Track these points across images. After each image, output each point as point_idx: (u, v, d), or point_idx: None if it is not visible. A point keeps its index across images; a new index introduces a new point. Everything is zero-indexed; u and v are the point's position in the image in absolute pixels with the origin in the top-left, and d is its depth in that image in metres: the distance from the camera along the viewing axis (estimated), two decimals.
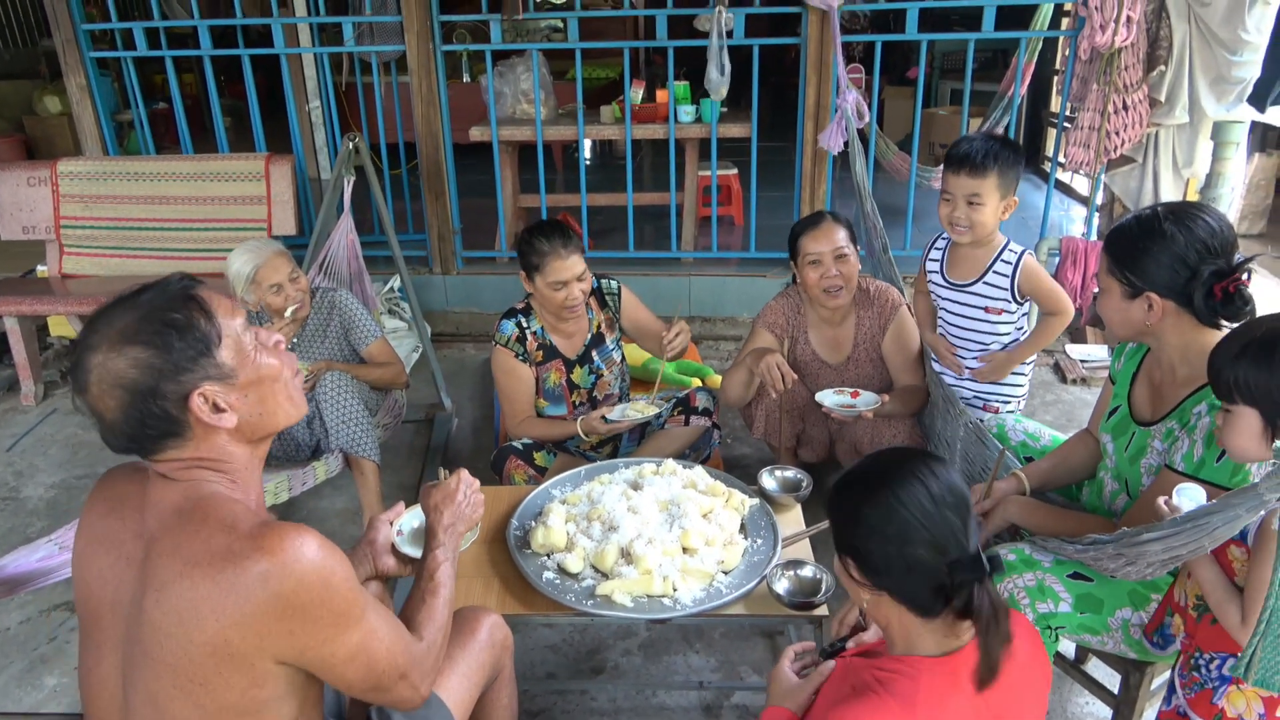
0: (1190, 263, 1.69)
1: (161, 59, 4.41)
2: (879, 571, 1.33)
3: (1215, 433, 1.61)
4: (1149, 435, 1.85)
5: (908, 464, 1.33)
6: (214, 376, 1.24)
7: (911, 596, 1.31)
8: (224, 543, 1.17)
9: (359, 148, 3.40)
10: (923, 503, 1.29)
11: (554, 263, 2.66)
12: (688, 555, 2.00)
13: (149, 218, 4.11)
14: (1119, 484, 1.95)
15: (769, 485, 2.30)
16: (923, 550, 1.28)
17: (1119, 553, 1.62)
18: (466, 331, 4.65)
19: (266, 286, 2.80)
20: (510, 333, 2.80)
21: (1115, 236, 1.82)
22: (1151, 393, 1.90)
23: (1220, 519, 1.39)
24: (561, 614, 1.95)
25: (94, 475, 3.47)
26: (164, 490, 1.26)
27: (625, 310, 2.96)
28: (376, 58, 4.68)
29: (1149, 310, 1.75)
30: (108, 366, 1.19)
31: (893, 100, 7.13)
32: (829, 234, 2.69)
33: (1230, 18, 3.59)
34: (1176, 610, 1.72)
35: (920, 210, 4.62)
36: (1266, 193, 5.94)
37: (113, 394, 1.19)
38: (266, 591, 1.15)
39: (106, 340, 1.20)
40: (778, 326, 2.90)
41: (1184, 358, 1.79)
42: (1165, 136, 3.93)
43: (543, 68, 4.68)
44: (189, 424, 1.23)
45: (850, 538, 1.35)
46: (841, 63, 3.86)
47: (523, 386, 2.82)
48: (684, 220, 4.75)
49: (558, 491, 2.31)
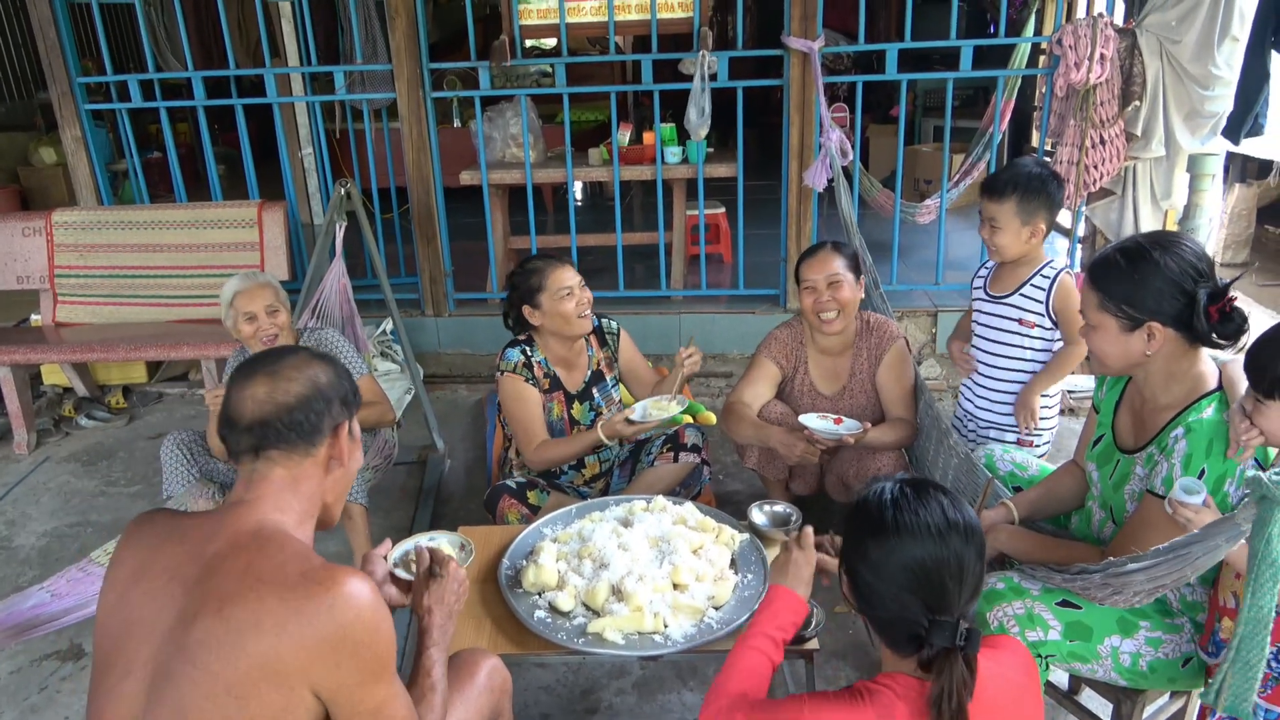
0: (1186, 287, 1.71)
1: (156, 109, 4.48)
2: (866, 600, 1.37)
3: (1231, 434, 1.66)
4: (1132, 463, 1.87)
5: (925, 507, 1.34)
6: (350, 426, 1.50)
7: (887, 633, 1.37)
8: (300, 569, 1.28)
9: (350, 193, 3.45)
10: (923, 555, 1.31)
11: (554, 273, 2.72)
12: (678, 591, 2.01)
13: (143, 265, 4.15)
14: (1105, 512, 1.97)
15: (759, 520, 2.31)
16: (909, 599, 1.32)
17: (1105, 582, 1.64)
18: (459, 373, 4.67)
19: (241, 313, 2.84)
20: (516, 359, 2.80)
21: (1102, 271, 1.80)
22: (1134, 420, 1.92)
23: (1201, 549, 1.41)
24: (553, 653, 1.95)
25: (86, 524, 3.46)
26: (241, 516, 1.37)
27: (623, 351, 2.99)
28: (367, 105, 4.76)
29: (1149, 340, 1.76)
30: (309, 364, 1.45)
31: (877, 138, 7.25)
32: (825, 261, 2.75)
33: (1200, 54, 3.68)
34: (1225, 614, 1.71)
35: (906, 246, 4.69)
36: (1248, 222, 6.02)
37: (301, 383, 1.41)
38: (331, 619, 1.25)
39: (307, 354, 1.48)
40: (781, 357, 2.94)
41: (1167, 385, 1.81)
42: (1143, 170, 4.00)
43: (531, 112, 4.76)
44: (324, 441, 1.43)
45: (851, 558, 1.40)
46: (824, 102, 3.94)
47: (534, 410, 2.79)
48: (673, 259, 4.81)
49: (549, 530, 2.32)
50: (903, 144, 4.56)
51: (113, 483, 3.79)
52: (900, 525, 1.32)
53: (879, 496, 1.38)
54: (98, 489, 3.74)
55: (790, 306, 4.48)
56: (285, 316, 2.91)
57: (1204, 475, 1.69)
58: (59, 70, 4.37)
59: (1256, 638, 1.26)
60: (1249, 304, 5.23)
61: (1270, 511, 1.19)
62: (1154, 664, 1.80)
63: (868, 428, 2.66)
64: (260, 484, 1.40)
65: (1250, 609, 1.24)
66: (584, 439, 2.74)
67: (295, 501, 1.42)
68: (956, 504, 1.36)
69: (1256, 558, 1.21)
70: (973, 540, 1.34)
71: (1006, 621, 1.81)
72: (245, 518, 1.36)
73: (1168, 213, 4.07)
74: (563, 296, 2.72)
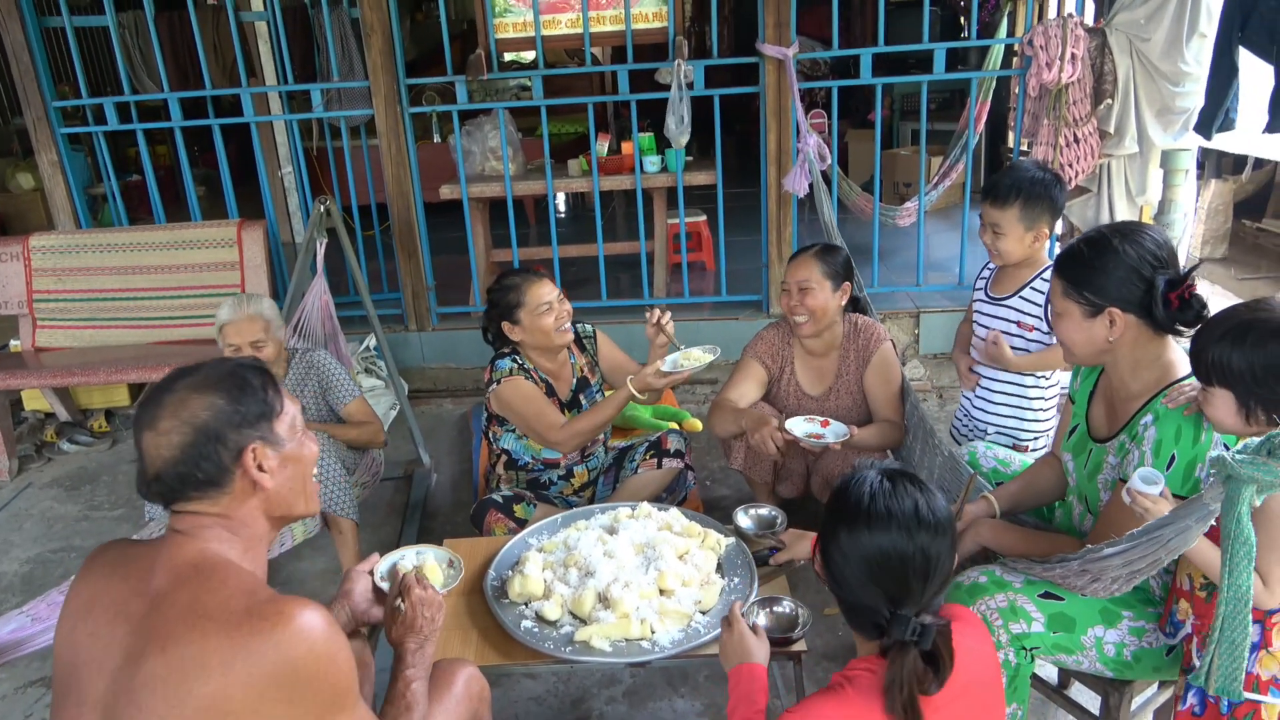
0: (1145, 274, 1.75)
1: (134, 132, 4.47)
2: (836, 583, 1.43)
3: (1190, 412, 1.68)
4: (1104, 452, 1.89)
5: (897, 501, 1.37)
6: (268, 440, 1.37)
7: (852, 617, 1.43)
8: (245, 604, 1.22)
9: (330, 210, 3.45)
10: (887, 549, 1.35)
11: (532, 289, 2.72)
12: (664, 597, 2.01)
13: (123, 288, 4.13)
14: (1082, 504, 1.98)
15: (744, 524, 2.31)
16: (873, 589, 1.36)
17: (1084, 569, 1.65)
18: (444, 387, 4.66)
19: (225, 344, 2.83)
20: (509, 366, 2.77)
21: (1067, 260, 1.86)
22: (1107, 410, 1.94)
23: (1172, 530, 1.42)
24: (540, 662, 1.95)
25: (69, 549, 3.43)
26: (179, 547, 1.31)
27: (602, 353, 2.99)
28: (345, 122, 4.76)
29: (1111, 326, 1.79)
30: (186, 404, 1.31)
31: (856, 143, 7.30)
32: (800, 266, 2.79)
33: (1169, 51, 3.73)
34: (1182, 596, 1.75)
35: (886, 249, 4.72)
36: (1225, 217, 6.09)
37: (180, 431, 1.29)
38: (279, 656, 1.18)
39: (188, 385, 1.34)
40: (767, 357, 2.95)
41: (1135, 373, 1.84)
42: (1117, 166, 4.04)
43: (510, 125, 4.78)
44: (234, 477, 1.33)
45: (826, 541, 1.44)
46: (800, 108, 3.96)
47: (542, 399, 2.75)
48: (655, 268, 4.82)
49: (534, 540, 2.31)
50: (880, 148, 4.59)
51: (96, 507, 3.76)
52: (872, 515, 1.36)
53: (859, 484, 1.42)
54: (81, 514, 3.71)
55: (773, 312, 4.49)
56: (272, 349, 2.87)
57: (1174, 461, 1.71)
58: (33, 95, 4.35)
59: (1238, 617, 1.27)
60: (1229, 297, 5.29)
61: (1237, 490, 1.20)
62: (1138, 653, 1.81)
63: (854, 432, 2.67)
64: (190, 519, 1.33)
65: (1229, 589, 1.25)
66: (613, 400, 2.67)
67: (234, 535, 1.35)
68: (931, 500, 1.38)
69: (1229, 537, 1.23)
70: (943, 537, 1.36)
71: (989, 615, 1.82)
72: (186, 548, 1.30)
73: (1143, 208, 4.11)
74: (542, 312, 2.72)
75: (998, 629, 1.80)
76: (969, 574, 1.91)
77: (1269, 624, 1.61)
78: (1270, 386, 1.49)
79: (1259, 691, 1.64)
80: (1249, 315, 1.55)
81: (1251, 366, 1.52)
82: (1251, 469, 1.19)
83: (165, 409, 1.32)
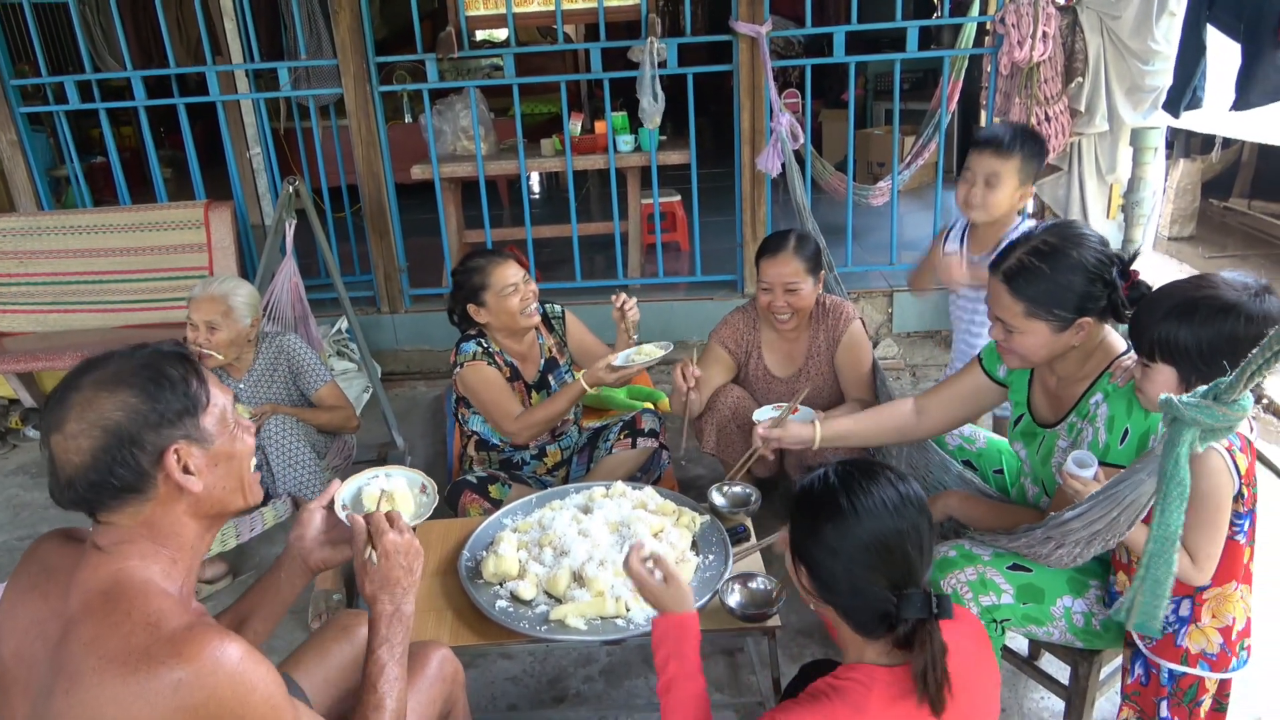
0: (1107, 277, 1.75)
1: (99, 112, 4.37)
2: (828, 587, 1.35)
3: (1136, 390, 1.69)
4: (1055, 436, 1.92)
5: (876, 485, 1.33)
6: (193, 438, 1.24)
7: (855, 617, 1.34)
8: (143, 642, 1.11)
9: (299, 191, 3.40)
10: (883, 531, 1.30)
11: (495, 270, 2.69)
12: None
13: (87, 271, 4.05)
14: (1039, 487, 2.01)
15: (718, 502, 2.32)
16: (875, 577, 1.30)
17: (1048, 536, 1.69)
18: (417, 369, 4.63)
19: (187, 321, 2.80)
20: (473, 350, 2.77)
21: (1023, 280, 1.78)
22: (1049, 398, 1.97)
23: (1127, 486, 1.47)
24: (515, 641, 1.95)
25: (36, 537, 3.37)
26: (95, 568, 1.20)
27: (571, 333, 2.98)
28: (314, 101, 4.68)
29: (1079, 333, 1.79)
30: (93, 405, 1.18)
31: (830, 123, 7.29)
32: (784, 265, 2.69)
33: (1139, 29, 3.74)
34: (1119, 568, 1.79)
35: (860, 228, 4.73)
36: (1194, 196, 6.16)
37: (90, 435, 1.16)
38: (176, 701, 1.08)
39: (96, 381, 1.20)
40: (732, 342, 2.93)
41: (1082, 362, 1.86)
42: (1088, 145, 4.06)
43: (481, 104, 4.72)
44: (155, 482, 1.21)
45: (806, 547, 1.37)
46: (774, 87, 3.95)
47: (503, 386, 2.75)
48: (629, 248, 4.80)
49: (509, 520, 2.31)
50: (853, 127, 4.59)
51: None
52: (857, 506, 1.31)
53: (825, 483, 1.37)
54: (47, 501, 3.63)
55: (748, 291, 4.49)
56: (224, 335, 2.79)
57: (1128, 435, 1.74)
58: None
59: (1163, 555, 1.29)
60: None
61: (1179, 432, 1.22)
62: (1106, 622, 1.83)
63: (821, 417, 2.59)
64: (111, 532, 1.22)
65: (1159, 527, 1.27)
66: (567, 392, 2.69)
67: (158, 546, 1.23)
68: (901, 476, 1.37)
69: (1165, 477, 1.25)
70: (925, 510, 1.35)
71: (960, 589, 1.84)
72: (100, 570, 1.19)
73: (1113, 187, 4.14)
74: (507, 294, 2.70)
75: (968, 601, 1.82)
76: (939, 549, 1.92)
77: (1199, 599, 1.66)
78: (1215, 363, 1.48)
79: (1188, 664, 1.69)
80: (1195, 292, 1.55)
81: (1199, 343, 1.52)
82: (1195, 411, 1.21)
83: (71, 410, 1.18)
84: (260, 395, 2.97)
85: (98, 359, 1.24)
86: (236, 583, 2.99)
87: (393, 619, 1.41)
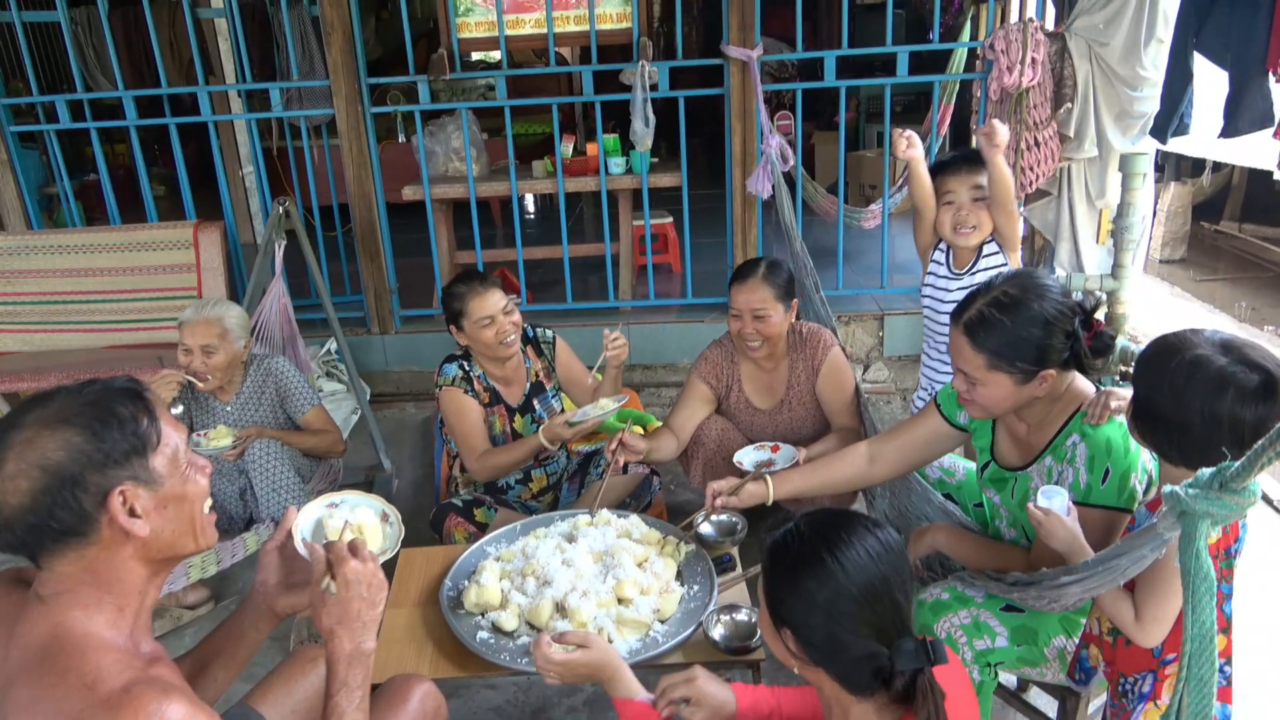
0: (1069, 329, 1.73)
1: (93, 131, 4.37)
2: (816, 648, 1.27)
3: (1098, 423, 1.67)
4: (1028, 478, 1.89)
5: (854, 534, 1.28)
6: (141, 479, 1.19)
7: (848, 676, 1.27)
8: (77, 708, 1.05)
9: (289, 211, 3.39)
10: (870, 581, 1.24)
11: (473, 301, 2.67)
12: (623, 606, 1.99)
13: (75, 290, 4.03)
14: (1017, 530, 1.97)
15: (705, 531, 2.30)
16: (865, 630, 1.24)
17: (1041, 594, 1.67)
18: (407, 390, 4.61)
19: (180, 344, 2.78)
20: (454, 373, 2.78)
21: (984, 332, 1.74)
22: (1015, 442, 1.94)
23: (1128, 560, 1.42)
24: (496, 674, 1.92)
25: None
26: (34, 621, 1.15)
27: (560, 361, 2.96)
28: (305, 122, 4.69)
29: (1041, 384, 1.76)
30: (34, 443, 1.13)
31: (823, 145, 7.32)
32: (752, 292, 2.66)
33: (1128, 56, 3.76)
34: (1091, 641, 1.76)
35: (851, 250, 4.73)
36: (1184, 219, 6.18)
37: (29, 475, 1.11)
38: None
39: (39, 419, 1.15)
40: (712, 377, 2.89)
41: (1049, 407, 1.84)
42: (1077, 170, 4.08)
43: (474, 125, 4.73)
44: (99, 525, 1.15)
45: (787, 609, 1.29)
46: (764, 110, 3.96)
47: (475, 420, 2.76)
48: (620, 270, 4.80)
49: (492, 549, 2.28)
50: (844, 150, 4.59)
51: None
52: (840, 558, 1.25)
53: (799, 537, 1.31)
54: None
55: None
56: (222, 358, 2.79)
57: (1109, 474, 1.72)
58: None
59: (1205, 654, 1.23)
60: (1188, 299, 5.37)
61: (1193, 526, 1.17)
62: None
63: (803, 454, 2.57)
64: (52, 580, 1.16)
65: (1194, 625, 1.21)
66: (525, 444, 2.71)
67: (102, 593, 1.17)
68: (876, 523, 1.32)
69: (1189, 574, 1.20)
70: (903, 554, 1.31)
71: (954, 632, 1.81)
72: (39, 625, 1.14)
73: (1102, 212, 4.16)
74: (483, 325, 2.68)
75: (962, 646, 1.79)
76: (931, 591, 1.90)
77: (1161, 675, 1.60)
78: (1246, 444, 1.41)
79: None
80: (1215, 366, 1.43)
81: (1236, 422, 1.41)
82: (1206, 504, 1.16)
83: (11, 450, 1.12)
84: (248, 418, 2.95)
85: (44, 395, 1.19)
86: (219, 608, 2.95)
87: (352, 659, 1.31)
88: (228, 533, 2.86)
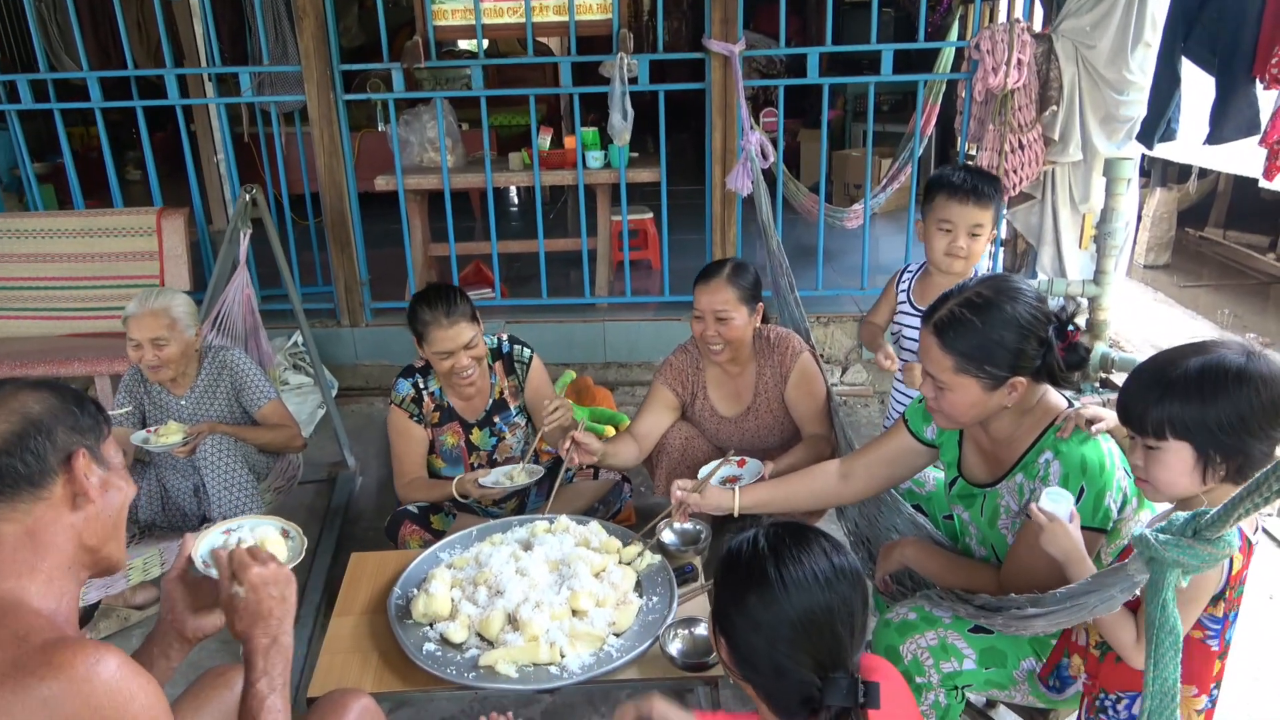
0: (1043, 336, 1.66)
1: (62, 112, 4.24)
2: (749, 663, 1.25)
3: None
4: (998, 495, 1.82)
5: (807, 554, 1.23)
6: (95, 455, 1.29)
7: (776, 699, 1.24)
8: (11, 656, 1.08)
9: (256, 199, 3.29)
10: (812, 607, 1.20)
11: (435, 333, 2.53)
12: (577, 618, 1.91)
13: (34, 277, 3.92)
14: (987, 549, 1.91)
15: (667, 539, 2.22)
16: (800, 657, 1.20)
17: (1007, 623, 1.60)
18: (376, 384, 4.51)
19: (128, 338, 2.69)
20: (405, 393, 2.69)
21: (954, 333, 1.68)
22: (983, 457, 1.87)
23: (1097, 599, 1.36)
24: (441, 689, 1.84)
25: None
26: None
27: (531, 382, 2.83)
28: (276, 108, 4.58)
29: (1011, 393, 1.69)
30: (18, 396, 1.24)
31: (808, 143, 7.24)
32: (715, 293, 2.56)
33: (1115, 59, 3.71)
34: (1075, 651, 1.69)
35: (832, 251, 4.66)
36: (1170, 225, 6.15)
37: (8, 419, 1.20)
38: (47, 713, 1.04)
39: (19, 384, 1.28)
40: (677, 383, 2.80)
41: (1019, 420, 1.77)
42: (1061, 174, 4.02)
43: (449, 115, 4.63)
44: (54, 482, 1.23)
45: (728, 618, 1.26)
46: (745, 106, 3.88)
47: (413, 447, 2.71)
48: (598, 265, 4.71)
49: (445, 555, 2.20)
50: (826, 148, 4.53)
51: None
52: (785, 577, 1.20)
53: (754, 548, 1.26)
54: None
55: None
56: (175, 349, 2.70)
57: (1084, 492, 1.65)
58: None
59: (1165, 711, 1.17)
60: (1171, 305, 5.33)
61: (1161, 574, 1.10)
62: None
63: (769, 467, 2.47)
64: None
65: (1155, 681, 1.15)
66: (441, 489, 2.67)
67: (37, 559, 1.21)
68: (835, 545, 1.27)
69: (1153, 625, 1.13)
70: (859, 585, 1.25)
71: (920, 654, 1.74)
72: None
73: (1086, 216, 4.10)
74: (441, 358, 2.57)
75: (928, 668, 1.73)
76: (898, 610, 1.83)
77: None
78: (1237, 435, 1.36)
79: None
80: (1195, 362, 1.41)
81: (1216, 416, 1.37)
82: (1176, 551, 1.09)
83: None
84: (202, 412, 2.85)
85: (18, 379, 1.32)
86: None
87: (270, 650, 1.35)
88: (181, 530, 2.77)
